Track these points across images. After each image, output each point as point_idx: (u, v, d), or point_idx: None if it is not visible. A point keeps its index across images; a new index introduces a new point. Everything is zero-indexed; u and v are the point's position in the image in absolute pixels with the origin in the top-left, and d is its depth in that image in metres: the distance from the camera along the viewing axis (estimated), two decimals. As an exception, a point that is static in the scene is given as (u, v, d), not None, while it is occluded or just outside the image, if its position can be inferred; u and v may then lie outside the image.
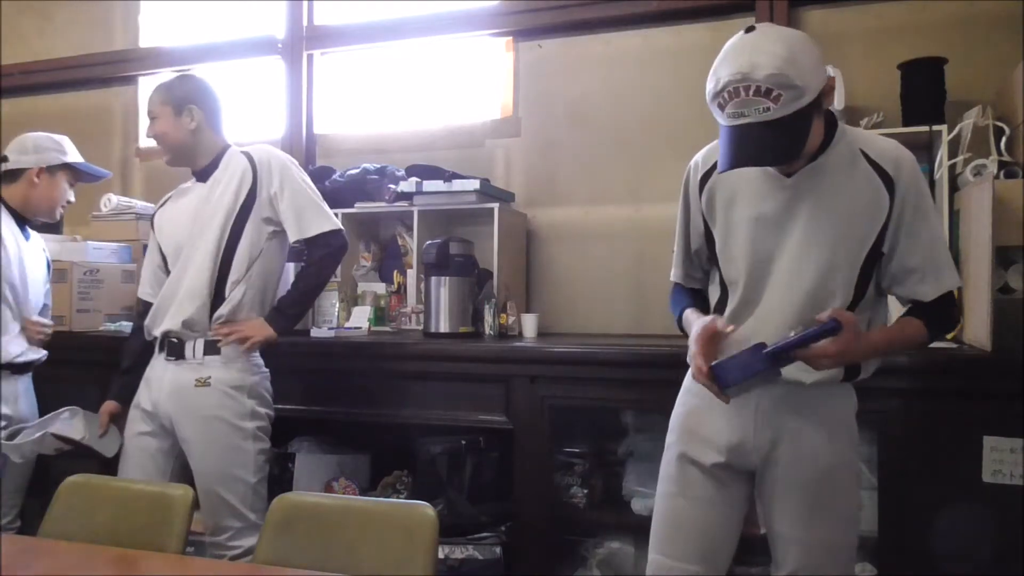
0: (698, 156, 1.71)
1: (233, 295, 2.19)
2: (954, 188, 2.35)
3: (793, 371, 1.54)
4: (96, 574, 1.47)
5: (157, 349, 2.26)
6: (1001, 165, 2.20)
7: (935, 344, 2.16)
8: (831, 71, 2.44)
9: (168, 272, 2.27)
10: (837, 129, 1.56)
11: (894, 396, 1.99)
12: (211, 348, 2.19)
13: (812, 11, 2.78)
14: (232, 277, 2.19)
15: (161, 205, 2.39)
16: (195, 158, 2.27)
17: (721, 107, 1.45)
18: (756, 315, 1.61)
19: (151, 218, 2.41)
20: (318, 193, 2.31)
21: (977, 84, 2.48)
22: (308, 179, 2.32)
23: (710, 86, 1.47)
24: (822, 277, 1.55)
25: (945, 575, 1.93)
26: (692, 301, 1.75)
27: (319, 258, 2.27)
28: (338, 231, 2.28)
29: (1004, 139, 2.24)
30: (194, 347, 2.19)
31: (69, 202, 2.55)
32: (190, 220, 2.24)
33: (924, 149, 2.43)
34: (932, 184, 2.43)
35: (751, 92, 1.39)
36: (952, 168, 2.33)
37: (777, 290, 1.58)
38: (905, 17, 2.68)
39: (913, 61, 2.47)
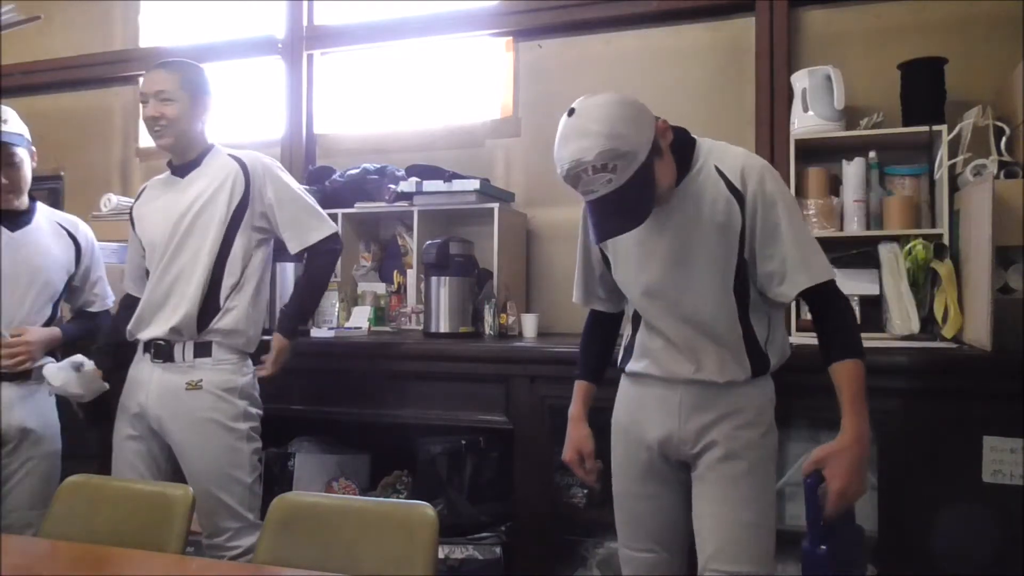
0: None
1: (230, 304, 2.18)
2: (954, 188, 2.35)
3: (706, 375, 1.70)
4: (96, 574, 1.47)
5: (141, 351, 2.22)
6: (1001, 165, 2.20)
7: (935, 344, 2.17)
8: (831, 71, 2.48)
9: (146, 267, 2.26)
10: (695, 151, 1.68)
11: (894, 396, 2.00)
12: (201, 350, 2.17)
13: (812, 11, 2.78)
14: (226, 284, 2.17)
15: (138, 197, 2.35)
16: (187, 151, 2.23)
17: (574, 187, 1.58)
18: (660, 336, 1.75)
19: (130, 211, 2.35)
20: (311, 196, 2.32)
21: (977, 84, 2.48)
22: (297, 184, 2.32)
23: (557, 170, 1.59)
24: (701, 295, 1.68)
25: (945, 575, 1.93)
26: (594, 353, 1.96)
27: (321, 264, 2.29)
28: (336, 234, 2.29)
29: (1004, 139, 2.24)
30: (183, 350, 2.17)
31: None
32: (165, 217, 2.20)
33: (924, 149, 2.44)
34: (932, 184, 2.44)
35: (590, 172, 1.53)
36: (952, 168, 2.33)
37: (668, 311, 1.72)
38: (905, 17, 2.68)
39: (913, 61, 2.47)
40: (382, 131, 3.37)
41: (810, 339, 2.19)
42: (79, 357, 2.24)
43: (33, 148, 2.41)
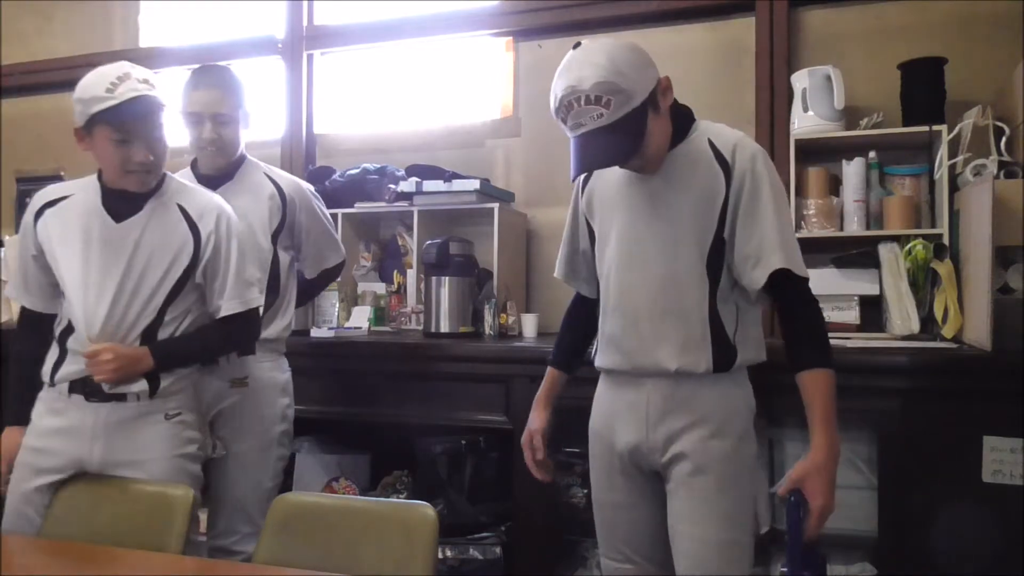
0: None
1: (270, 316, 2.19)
2: (954, 188, 2.35)
3: (662, 357, 1.62)
4: (96, 574, 1.47)
5: None
6: (1001, 165, 2.20)
7: (935, 344, 2.17)
8: (831, 71, 2.48)
9: None
10: (692, 126, 1.65)
11: (894, 396, 2.00)
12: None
13: (812, 11, 2.78)
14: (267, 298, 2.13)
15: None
16: (226, 165, 2.17)
17: (564, 121, 1.55)
18: (621, 308, 1.68)
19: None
20: (332, 223, 2.40)
21: (977, 84, 2.48)
22: (326, 210, 2.37)
23: (551, 103, 1.56)
24: (671, 266, 1.62)
25: (945, 575, 1.93)
26: (568, 339, 1.94)
27: (323, 284, 2.40)
28: (344, 260, 2.42)
29: (1004, 139, 2.24)
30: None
31: (142, 163, 1.80)
32: None
33: (924, 149, 2.44)
34: (932, 184, 2.44)
35: (583, 102, 1.50)
36: (952, 168, 2.33)
37: (637, 280, 1.66)
38: (905, 17, 2.68)
39: (913, 61, 2.47)
40: (382, 131, 3.37)
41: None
42: None
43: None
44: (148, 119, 1.76)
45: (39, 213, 1.88)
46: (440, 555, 2.28)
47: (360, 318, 2.94)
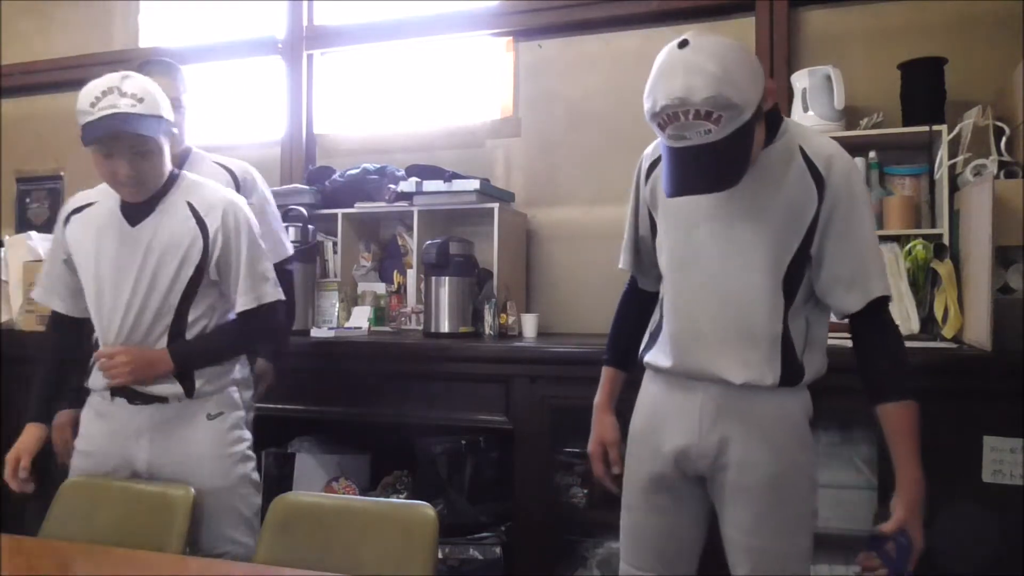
0: (649, 147, 1.71)
1: None
2: (954, 188, 2.35)
3: (723, 369, 1.53)
4: (96, 574, 1.47)
5: None
6: (1001, 165, 2.20)
7: (935, 344, 2.17)
8: (831, 71, 2.48)
9: None
10: (780, 126, 1.53)
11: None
12: None
13: (812, 11, 2.78)
14: None
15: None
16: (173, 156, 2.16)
17: (661, 127, 1.40)
18: (685, 311, 1.59)
19: None
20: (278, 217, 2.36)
21: (977, 84, 2.48)
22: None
23: (647, 105, 1.41)
24: (744, 278, 1.51)
25: (945, 575, 1.93)
26: (624, 334, 1.80)
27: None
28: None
29: (1004, 139, 2.24)
30: None
31: (127, 176, 1.78)
32: None
33: (924, 149, 2.44)
34: (932, 184, 2.44)
35: (690, 116, 1.34)
36: (952, 168, 2.33)
37: (703, 289, 1.56)
38: (905, 17, 2.68)
39: (913, 61, 2.47)
40: (382, 131, 3.37)
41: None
42: None
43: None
44: (126, 136, 1.72)
45: (67, 219, 1.91)
46: (440, 555, 2.28)
47: (360, 318, 2.94)
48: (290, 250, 2.35)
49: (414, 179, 2.90)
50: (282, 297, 1.95)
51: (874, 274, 1.49)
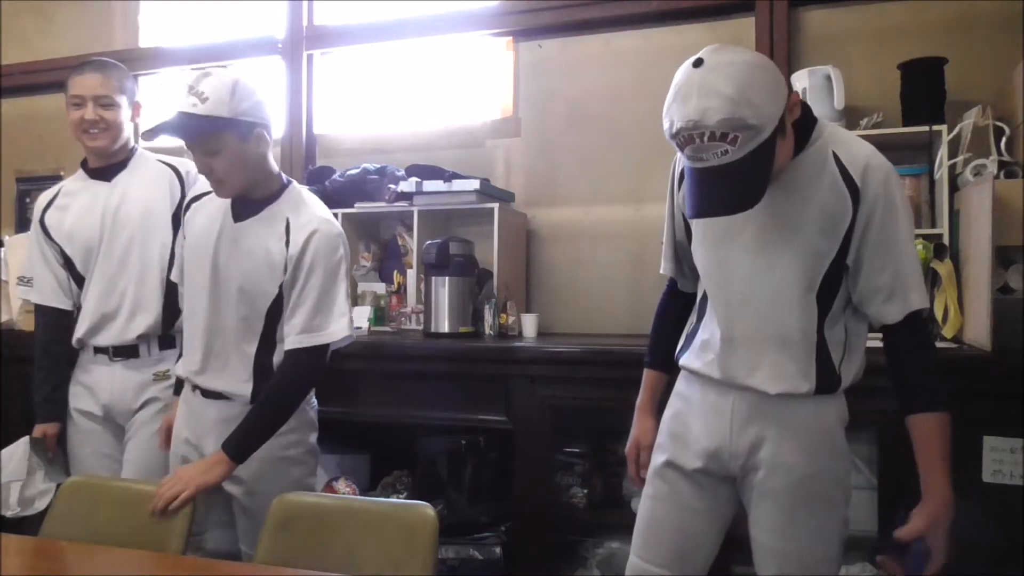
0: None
1: None
2: (954, 188, 2.35)
3: (758, 381, 1.52)
4: (96, 574, 1.47)
5: (92, 353, 2.24)
6: (1001, 165, 2.20)
7: (935, 344, 2.17)
8: (831, 71, 2.48)
9: (75, 275, 2.25)
10: (815, 129, 1.49)
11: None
12: (166, 343, 2.24)
13: (812, 11, 2.78)
14: None
15: (49, 206, 2.30)
16: (117, 153, 2.27)
17: (680, 147, 1.39)
18: (720, 320, 1.57)
19: (40, 219, 2.29)
20: None
21: (977, 84, 2.48)
22: None
23: (665, 125, 1.39)
24: (778, 287, 1.50)
25: (945, 575, 1.92)
26: (665, 335, 1.76)
27: None
28: None
29: (1004, 139, 2.24)
30: (148, 346, 2.23)
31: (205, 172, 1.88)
32: (100, 221, 2.23)
33: (924, 149, 2.44)
34: (932, 184, 2.43)
35: (706, 138, 1.33)
36: (952, 168, 2.33)
37: (738, 299, 1.54)
38: (905, 17, 2.68)
39: (913, 61, 2.47)
40: (382, 131, 3.37)
41: None
42: None
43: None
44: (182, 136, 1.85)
45: (188, 205, 2.02)
46: (440, 555, 2.28)
47: (360, 318, 2.94)
48: None
49: (414, 179, 2.90)
50: (350, 336, 1.87)
51: (913, 285, 1.47)
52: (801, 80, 2.56)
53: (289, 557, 1.56)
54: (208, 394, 1.90)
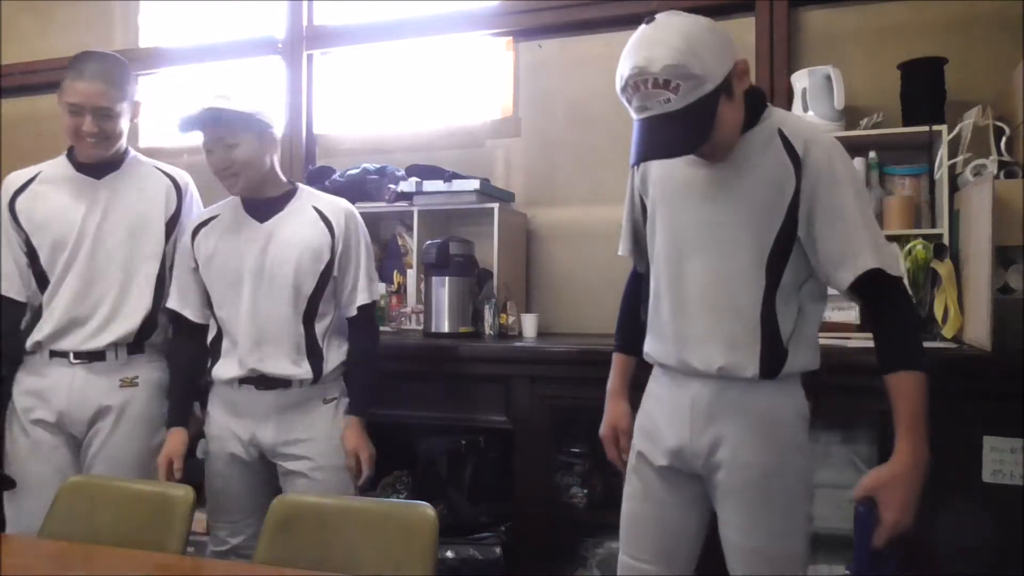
0: None
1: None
2: (954, 188, 2.35)
3: (709, 352, 1.55)
4: (96, 574, 1.47)
5: (48, 356, 2.10)
6: (1001, 165, 2.20)
7: (935, 344, 2.17)
8: (831, 71, 2.48)
9: (36, 270, 2.12)
10: (764, 112, 1.56)
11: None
12: (135, 348, 2.15)
13: (812, 11, 2.78)
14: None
15: (22, 190, 2.16)
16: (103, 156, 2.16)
17: (629, 102, 1.47)
18: (673, 297, 1.62)
19: (10, 203, 2.15)
20: None
21: (977, 84, 2.48)
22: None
23: (616, 82, 1.48)
24: (725, 259, 1.54)
25: (945, 575, 1.93)
26: (629, 320, 1.84)
27: None
28: None
29: (1004, 139, 2.24)
30: (116, 351, 2.13)
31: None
32: (82, 220, 2.11)
33: (924, 149, 2.44)
34: (932, 184, 2.43)
35: (650, 85, 1.41)
36: (952, 168, 2.33)
37: (687, 270, 1.59)
38: (905, 17, 2.68)
39: (913, 61, 2.47)
40: (382, 131, 3.37)
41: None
42: None
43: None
44: (209, 129, 2.01)
45: (195, 234, 2.11)
46: (440, 555, 2.28)
47: (360, 318, 2.93)
48: None
49: (414, 179, 2.90)
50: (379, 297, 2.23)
51: (864, 248, 1.47)
52: (801, 80, 2.56)
53: (289, 557, 1.56)
54: (264, 385, 2.02)
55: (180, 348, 2.15)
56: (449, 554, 2.39)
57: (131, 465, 2.10)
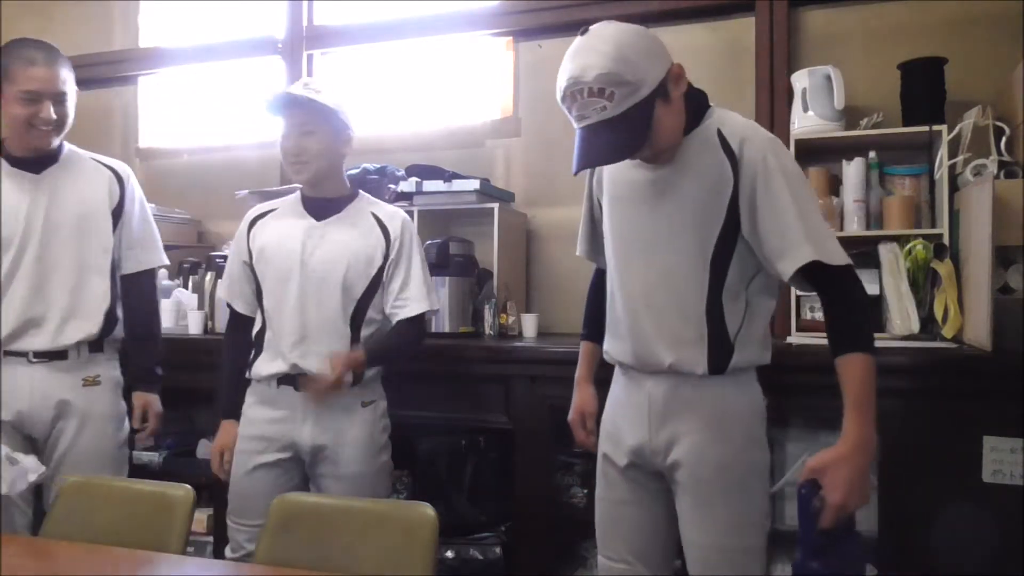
0: None
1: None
2: (954, 188, 2.35)
3: (660, 348, 1.59)
4: (97, 574, 1.46)
5: (3, 355, 2.06)
6: (1001, 165, 2.20)
7: (935, 344, 2.17)
8: (831, 71, 2.48)
9: None
10: (706, 113, 1.59)
11: (894, 396, 1.99)
12: (96, 346, 2.15)
13: (812, 11, 2.78)
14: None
15: None
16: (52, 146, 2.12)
17: (569, 111, 1.51)
18: (624, 296, 1.66)
19: None
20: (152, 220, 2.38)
21: (977, 84, 2.48)
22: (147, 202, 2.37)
23: (557, 93, 1.51)
24: (671, 258, 1.58)
25: (945, 575, 1.93)
26: (594, 313, 1.87)
27: (135, 292, 2.30)
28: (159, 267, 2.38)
29: (1004, 139, 2.24)
30: (79, 349, 2.12)
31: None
32: (25, 218, 2.06)
33: (924, 149, 2.44)
34: (932, 184, 2.43)
35: (586, 94, 1.45)
36: (952, 168, 2.33)
37: (637, 270, 1.63)
38: (905, 17, 2.68)
39: (913, 61, 2.47)
40: (382, 131, 3.37)
41: (810, 339, 2.19)
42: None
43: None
44: (289, 113, 2.08)
45: (251, 226, 2.13)
46: (440, 555, 2.28)
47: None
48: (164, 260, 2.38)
49: (414, 179, 2.90)
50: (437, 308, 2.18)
51: (803, 240, 1.48)
52: (801, 80, 2.56)
53: (289, 557, 1.56)
54: (303, 385, 2.01)
55: (231, 340, 2.16)
56: (449, 554, 2.39)
57: (105, 464, 2.12)
